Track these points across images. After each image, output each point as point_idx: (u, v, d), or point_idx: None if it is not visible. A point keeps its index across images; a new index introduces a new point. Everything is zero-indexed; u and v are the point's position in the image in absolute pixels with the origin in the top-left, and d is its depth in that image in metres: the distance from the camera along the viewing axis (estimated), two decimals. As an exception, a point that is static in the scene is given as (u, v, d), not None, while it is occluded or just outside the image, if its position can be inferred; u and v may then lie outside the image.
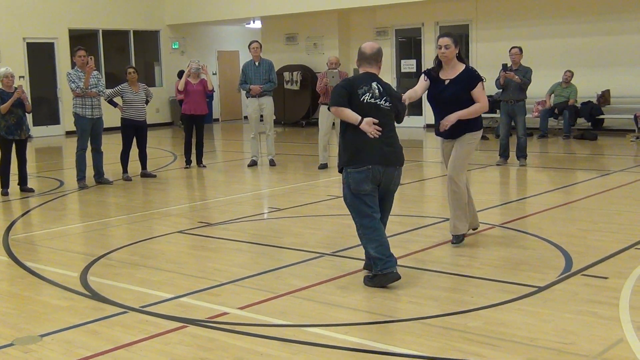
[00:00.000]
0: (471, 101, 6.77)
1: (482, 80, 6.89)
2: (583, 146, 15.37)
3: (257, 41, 13.24)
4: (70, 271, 6.54)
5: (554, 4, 17.88)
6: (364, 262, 6.20)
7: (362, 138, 5.83)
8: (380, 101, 5.88)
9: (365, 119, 5.79)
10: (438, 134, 7.01)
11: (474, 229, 7.34)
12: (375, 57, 6.01)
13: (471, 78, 6.80)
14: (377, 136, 5.83)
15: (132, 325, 5.07)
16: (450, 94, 6.75)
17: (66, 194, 11.08)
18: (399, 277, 5.76)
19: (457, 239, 6.99)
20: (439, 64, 6.90)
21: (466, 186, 7.03)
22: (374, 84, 5.91)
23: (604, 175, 11.53)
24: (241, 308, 5.36)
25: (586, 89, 17.08)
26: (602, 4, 17.27)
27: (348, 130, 5.91)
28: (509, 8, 18.59)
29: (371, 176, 5.86)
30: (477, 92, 6.77)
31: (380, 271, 5.74)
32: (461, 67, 6.88)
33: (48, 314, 5.42)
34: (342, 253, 6.88)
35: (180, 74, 16.34)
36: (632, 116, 16.18)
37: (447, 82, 6.81)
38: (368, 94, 5.86)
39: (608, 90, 16.98)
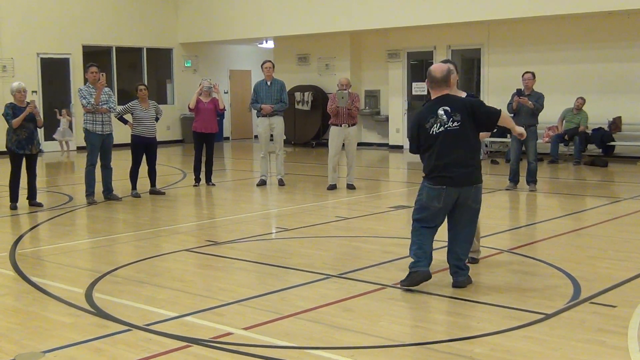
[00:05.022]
0: None
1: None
2: (593, 172, 15.30)
3: (270, 61, 13.27)
4: (75, 287, 6.52)
5: (566, 30, 17.89)
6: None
7: (437, 161, 6.16)
8: (448, 124, 6.11)
9: None
10: None
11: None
12: (446, 79, 6.25)
13: None
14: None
15: (136, 344, 5.04)
16: None
17: (75, 209, 11.09)
18: (429, 277, 6.27)
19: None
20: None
21: None
22: (440, 111, 6.15)
23: (614, 202, 11.46)
24: (245, 329, 5.33)
25: (597, 116, 17.05)
26: (615, 30, 17.26)
27: (425, 153, 6.26)
28: (520, 33, 18.60)
29: (444, 195, 6.17)
30: None
31: (411, 268, 6.26)
32: (462, 93, 6.91)
33: (52, 330, 5.40)
34: (348, 275, 6.84)
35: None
36: (644, 143, 16.13)
37: None
38: (436, 125, 6.14)
39: (619, 117, 16.94)
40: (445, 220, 6.44)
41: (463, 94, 6.94)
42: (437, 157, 6.15)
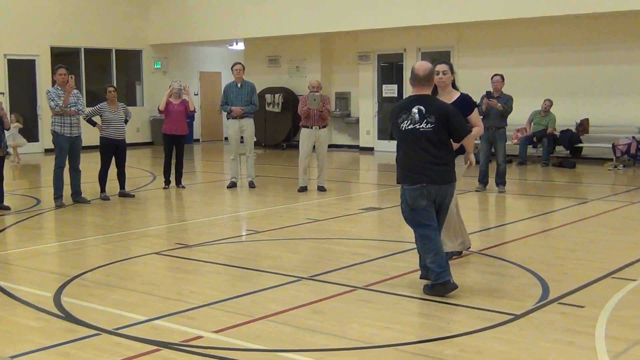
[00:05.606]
0: None
1: (477, 106, 7.04)
2: (561, 174, 15.46)
3: (240, 63, 13.25)
4: (44, 291, 6.46)
5: (535, 34, 18.05)
6: (420, 272, 6.58)
7: (413, 158, 6.17)
8: (420, 125, 6.12)
9: None
10: None
11: (468, 249, 7.60)
12: (429, 77, 6.25)
13: (468, 104, 6.93)
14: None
15: (105, 348, 5.00)
16: None
17: (43, 212, 10.98)
18: (456, 287, 6.10)
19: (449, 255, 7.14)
20: (434, 91, 6.96)
21: (457, 207, 7.23)
22: (414, 109, 6.16)
23: (582, 203, 11.59)
24: (216, 332, 5.31)
25: (565, 118, 17.23)
26: (582, 34, 17.46)
27: (400, 150, 6.30)
28: (490, 36, 18.75)
29: (426, 192, 6.14)
30: (474, 117, 7.01)
31: (436, 281, 6.09)
32: (456, 94, 7.03)
33: (20, 334, 5.34)
34: (319, 277, 6.85)
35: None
36: (610, 145, 16.32)
37: None
38: (407, 121, 6.16)
39: (587, 119, 17.13)
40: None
41: (457, 94, 7.01)
42: (413, 155, 6.17)
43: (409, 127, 6.14)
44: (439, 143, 6.16)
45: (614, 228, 9.50)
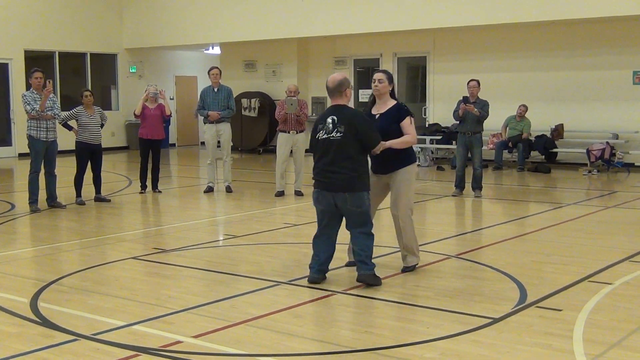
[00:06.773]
0: (401, 135, 6.96)
1: (411, 114, 7.10)
2: (537, 179, 15.58)
3: (217, 67, 13.21)
4: (20, 297, 6.39)
5: (510, 39, 18.20)
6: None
7: (317, 165, 6.64)
8: (332, 134, 6.51)
9: None
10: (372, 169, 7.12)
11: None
12: (338, 89, 6.62)
13: (400, 111, 7.04)
14: None
15: (83, 354, 4.96)
16: (380, 127, 6.85)
17: (17, 217, 10.87)
18: (315, 281, 6.69)
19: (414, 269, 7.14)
20: (373, 100, 7.11)
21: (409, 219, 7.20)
22: (329, 119, 6.55)
23: (557, 207, 11.68)
24: (195, 337, 5.28)
25: (540, 123, 17.39)
26: (557, 40, 17.62)
27: (314, 156, 6.70)
28: (466, 42, 18.87)
29: (321, 198, 6.61)
30: (405, 124, 7.03)
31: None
32: (392, 102, 7.09)
33: (-4, 340, 5.28)
34: (298, 282, 6.84)
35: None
36: (585, 150, 16.47)
37: (377, 116, 6.98)
38: (322, 131, 6.57)
39: (562, 125, 17.29)
40: None
41: (392, 103, 7.07)
42: (317, 161, 6.63)
43: (324, 136, 6.55)
44: (345, 152, 6.47)
45: (589, 232, 9.59)
